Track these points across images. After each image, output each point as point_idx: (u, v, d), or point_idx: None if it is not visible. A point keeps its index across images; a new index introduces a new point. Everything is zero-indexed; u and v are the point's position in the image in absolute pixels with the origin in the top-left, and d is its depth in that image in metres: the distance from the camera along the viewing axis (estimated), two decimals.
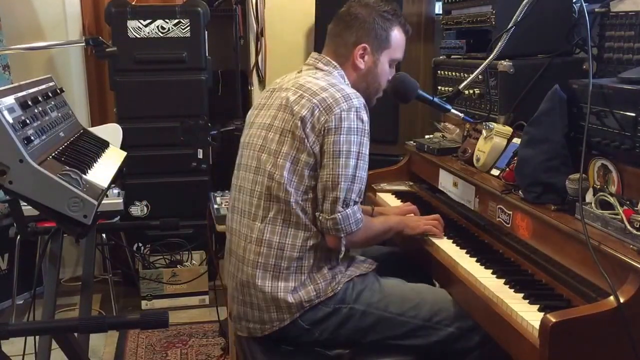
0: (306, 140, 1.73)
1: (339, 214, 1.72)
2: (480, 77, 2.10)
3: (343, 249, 1.79)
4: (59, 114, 1.93)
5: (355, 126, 1.73)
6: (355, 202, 1.76)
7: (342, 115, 1.72)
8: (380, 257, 2.14)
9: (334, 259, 1.82)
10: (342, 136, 1.72)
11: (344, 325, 1.79)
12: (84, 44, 2.44)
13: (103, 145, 2.05)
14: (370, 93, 1.95)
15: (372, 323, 1.79)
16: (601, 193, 1.51)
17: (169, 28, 3.49)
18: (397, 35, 1.94)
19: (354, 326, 1.79)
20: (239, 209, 1.87)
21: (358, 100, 1.76)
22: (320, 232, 1.78)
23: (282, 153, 1.76)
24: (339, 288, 1.79)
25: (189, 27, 3.51)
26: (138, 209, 3.59)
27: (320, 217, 1.75)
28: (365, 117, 1.77)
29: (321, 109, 1.73)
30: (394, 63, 1.98)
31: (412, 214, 2.13)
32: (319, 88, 1.78)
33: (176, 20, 3.50)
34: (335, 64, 1.90)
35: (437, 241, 1.94)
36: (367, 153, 1.78)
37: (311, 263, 1.78)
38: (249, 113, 1.99)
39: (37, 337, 1.95)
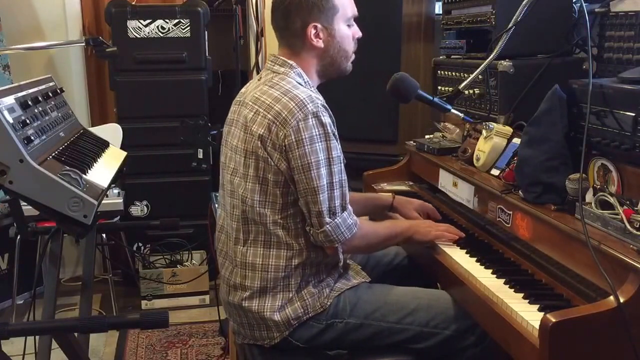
0: (270, 159, 1.67)
1: (327, 226, 1.68)
2: (480, 77, 2.10)
3: (341, 256, 1.77)
4: (59, 114, 1.93)
5: (317, 133, 1.66)
6: (344, 208, 1.72)
7: (300, 126, 1.64)
8: (381, 260, 2.14)
9: (322, 274, 1.79)
10: (305, 148, 1.65)
11: (342, 339, 1.77)
12: (84, 44, 2.45)
13: (103, 145, 2.05)
14: (341, 63, 1.83)
15: (370, 335, 1.77)
16: (601, 193, 1.51)
17: (169, 28, 3.49)
18: None
19: (352, 339, 1.77)
20: (225, 229, 1.85)
21: (313, 104, 1.66)
22: (307, 247, 1.74)
23: (249, 176, 1.72)
24: (328, 303, 1.76)
25: (189, 27, 3.51)
26: (138, 209, 3.59)
27: (311, 232, 1.72)
28: (325, 119, 1.67)
29: (277, 124, 1.66)
30: (351, 20, 1.84)
31: (427, 216, 2.12)
32: (272, 100, 1.69)
33: (176, 20, 3.49)
34: (291, 62, 1.78)
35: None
36: (339, 154, 1.71)
37: (298, 280, 1.74)
38: (224, 128, 1.90)
39: (37, 337, 1.95)
